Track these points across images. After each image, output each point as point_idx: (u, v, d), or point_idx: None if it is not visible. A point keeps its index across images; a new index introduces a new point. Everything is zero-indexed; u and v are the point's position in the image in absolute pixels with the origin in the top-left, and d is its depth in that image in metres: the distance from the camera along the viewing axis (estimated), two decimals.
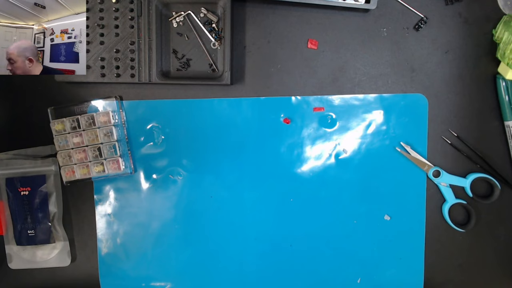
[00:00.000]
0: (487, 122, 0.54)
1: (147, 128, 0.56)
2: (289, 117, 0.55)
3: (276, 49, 0.54)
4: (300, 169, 0.55)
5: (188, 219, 0.56)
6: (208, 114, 0.55)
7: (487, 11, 0.53)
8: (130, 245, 0.57)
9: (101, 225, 0.57)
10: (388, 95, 0.54)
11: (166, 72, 0.54)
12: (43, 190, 0.55)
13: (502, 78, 0.52)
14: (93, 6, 0.53)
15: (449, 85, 0.54)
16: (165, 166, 0.56)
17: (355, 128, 0.55)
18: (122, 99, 0.56)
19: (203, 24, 0.53)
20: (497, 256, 0.56)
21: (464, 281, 0.56)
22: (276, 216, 0.56)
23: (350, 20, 0.54)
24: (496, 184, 0.53)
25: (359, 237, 0.56)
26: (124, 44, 0.53)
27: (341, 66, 0.54)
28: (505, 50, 0.50)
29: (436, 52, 0.54)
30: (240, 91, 0.55)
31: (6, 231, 0.56)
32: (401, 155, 0.54)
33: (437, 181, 0.54)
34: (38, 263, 0.57)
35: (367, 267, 0.56)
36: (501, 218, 0.55)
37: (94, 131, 0.53)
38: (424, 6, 0.53)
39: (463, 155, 0.54)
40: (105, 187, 0.57)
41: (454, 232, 0.55)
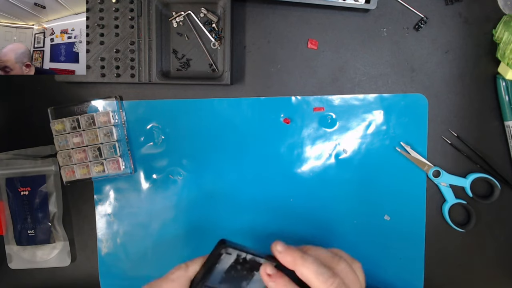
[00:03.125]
0: (487, 122, 0.54)
1: (147, 128, 0.56)
2: (289, 117, 0.55)
3: (276, 49, 0.54)
4: (300, 169, 0.55)
5: (188, 219, 0.56)
6: (208, 114, 0.55)
7: (487, 11, 0.53)
8: (130, 245, 0.57)
9: (101, 225, 0.57)
10: (388, 95, 0.54)
11: (166, 72, 0.54)
12: (43, 190, 0.55)
13: (502, 78, 0.52)
14: (93, 6, 0.53)
15: (449, 85, 0.54)
16: (165, 166, 0.56)
17: (355, 128, 0.55)
18: (122, 99, 0.56)
19: (203, 24, 0.53)
20: (497, 256, 0.56)
21: (464, 281, 0.56)
22: (276, 216, 0.56)
23: (350, 20, 0.54)
24: (496, 184, 0.53)
25: (359, 237, 0.56)
26: (124, 44, 0.53)
27: (341, 66, 0.54)
28: (505, 50, 0.50)
29: (436, 52, 0.54)
30: (240, 91, 0.55)
31: (6, 231, 0.56)
32: (401, 155, 0.54)
33: (437, 181, 0.54)
34: (38, 263, 0.57)
35: (367, 267, 0.56)
36: (501, 218, 0.55)
37: (94, 131, 0.53)
38: (424, 6, 0.53)
39: (463, 155, 0.54)
40: (105, 187, 0.57)
41: (454, 232, 0.55)
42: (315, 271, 0.34)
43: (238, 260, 0.38)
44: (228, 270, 0.38)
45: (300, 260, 0.35)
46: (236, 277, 0.38)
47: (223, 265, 0.37)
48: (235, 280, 0.38)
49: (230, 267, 0.38)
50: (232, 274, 0.38)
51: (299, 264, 0.35)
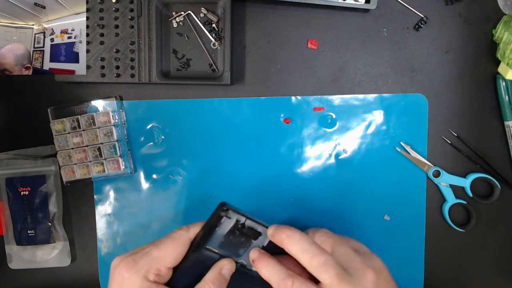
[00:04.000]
0: (487, 122, 0.54)
1: (147, 128, 0.56)
2: (289, 117, 0.55)
3: (276, 49, 0.54)
4: (300, 169, 0.55)
5: (188, 219, 0.56)
6: (208, 114, 0.55)
7: (487, 11, 0.53)
8: (130, 245, 0.57)
9: (101, 225, 0.57)
10: (388, 95, 0.54)
11: (166, 72, 0.54)
12: (43, 190, 0.55)
13: (502, 78, 0.52)
14: (93, 6, 0.53)
15: (449, 85, 0.54)
16: (165, 166, 0.56)
17: (355, 128, 0.55)
18: (122, 99, 0.56)
19: (203, 24, 0.53)
20: (497, 256, 0.56)
21: (464, 281, 0.56)
22: (276, 216, 0.56)
23: (350, 20, 0.54)
24: (496, 184, 0.53)
25: (359, 237, 0.55)
26: (124, 44, 0.53)
27: (341, 66, 0.54)
28: (505, 50, 0.50)
29: (436, 52, 0.54)
30: (240, 91, 0.55)
31: (6, 231, 0.56)
32: (401, 155, 0.54)
33: (437, 181, 0.54)
34: (38, 263, 0.57)
35: None
36: (501, 218, 0.55)
37: (94, 131, 0.53)
38: (424, 6, 0.53)
39: (463, 155, 0.54)
40: (105, 187, 0.57)
41: (454, 232, 0.55)
42: (301, 249, 0.34)
43: (237, 225, 0.39)
44: (227, 234, 0.39)
45: (286, 238, 0.35)
46: (234, 243, 0.39)
47: (223, 229, 0.39)
48: (234, 246, 0.39)
49: (229, 231, 0.39)
50: (231, 239, 0.39)
51: (285, 243, 0.35)
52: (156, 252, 0.37)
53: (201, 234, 0.39)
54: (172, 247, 0.38)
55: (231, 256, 0.40)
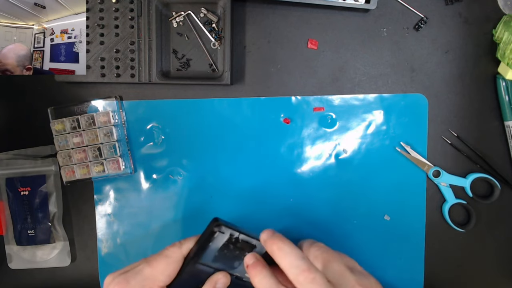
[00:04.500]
0: (487, 122, 0.54)
1: (147, 128, 0.56)
2: (289, 117, 0.55)
3: (276, 49, 0.54)
4: (300, 169, 0.55)
5: (188, 219, 0.56)
6: (208, 114, 0.55)
7: (487, 11, 0.53)
8: (130, 245, 0.57)
9: (101, 225, 0.57)
10: (388, 95, 0.54)
11: (166, 72, 0.54)
12: (43, 190, 0.55)
13: (502, 78, 0.52)
14: (93, 6, 0.53)
15: (449, 85, 0.54)
16: (165, 166, 0.56)
17: (355, 128, 0.55)
18: (122, 99, 0.56)
19: (203, 24, 0.53)
20: (497, 256, 0.56)
21: (464, 281, 0.56)
22: (276, 216, 0.56)
23: (350, 20, 0.54)
24: (496, 184, 0.53)
25: (359, 237, 0.56)
26: (124, 44, 0.53)
27: (341, 66, 0.54)
28: (505, 50, 0.50)
29: (436, 52, 0.54)
30: (240, 91, 0.55)
31: (6, 231, 0.56)
32: (401, 155, 0.54)
33: (437, 181, 0.54)
34: (38, 263, 0.57)
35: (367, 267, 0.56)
36: (501, 218, 0.55)
37: (94, 131, 0.53)
38: (424, 6, 0.53)
39: (463, 155, 0.54)
40: (105, 187, 0.57)
41: (454, 232, 0.55)
42: (289, 263, 0.33)
43: (231, 239, 0.38)
44: (221, 249, 0.38)
45: (277, 251, 0.34)
46: (229, 256, 0.39)
47: (216, 243, 0.38)
48: (228, 259, 0.39)
49: (223, 245, 0.38)
50: (225, 253, 0.38)
51: (276, 255, 0.34)
52: (148, 271, 0.37)
53: (195, 250, 0.38)
54: (165, 265, 0.37)
55: (226, 269, 0.39)
